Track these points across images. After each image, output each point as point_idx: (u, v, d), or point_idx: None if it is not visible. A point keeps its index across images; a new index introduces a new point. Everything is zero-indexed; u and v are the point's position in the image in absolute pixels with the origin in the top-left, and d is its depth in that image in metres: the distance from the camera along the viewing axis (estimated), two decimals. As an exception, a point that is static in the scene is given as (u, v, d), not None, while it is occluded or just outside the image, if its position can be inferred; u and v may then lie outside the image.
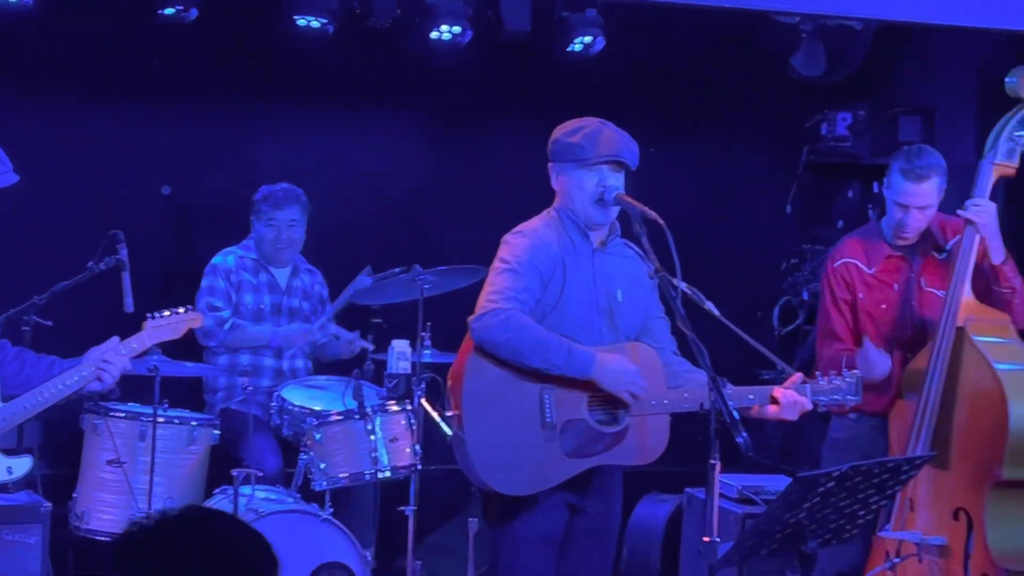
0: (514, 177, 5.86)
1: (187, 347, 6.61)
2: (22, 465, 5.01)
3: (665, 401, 4.76)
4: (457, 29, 7.45)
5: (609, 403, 4.75)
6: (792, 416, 4.83)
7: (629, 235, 4.82)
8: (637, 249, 4.89)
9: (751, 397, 4.78)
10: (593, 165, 4.76)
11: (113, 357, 4.80)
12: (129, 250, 5.89)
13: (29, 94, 7.38)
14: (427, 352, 6.41)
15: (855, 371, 4.99)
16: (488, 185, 7.83)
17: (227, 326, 6.68)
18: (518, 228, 4.86)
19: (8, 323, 5.75)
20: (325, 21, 7.25)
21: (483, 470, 4.70)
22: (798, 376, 4.87)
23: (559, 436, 4.72)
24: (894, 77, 8.26)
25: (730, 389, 4.66)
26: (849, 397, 4.93)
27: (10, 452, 5.19)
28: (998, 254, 5.41)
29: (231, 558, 2.28)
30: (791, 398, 4.79)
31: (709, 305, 4.71)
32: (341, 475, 6.17)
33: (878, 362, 5.42)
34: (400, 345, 6.43)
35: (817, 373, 4.96)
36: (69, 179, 7.38)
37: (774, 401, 4.78)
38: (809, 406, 4.84)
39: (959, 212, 5.43)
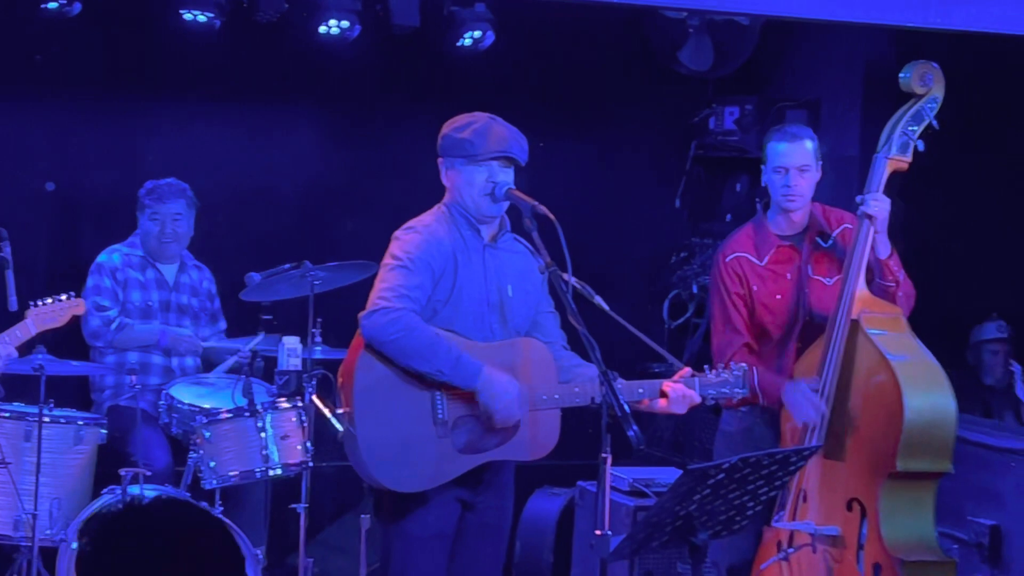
0: (405, 172, 5.86)
1: (73, 345, 6.55)
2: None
3: (556, 396, 4.77)
4: (345, 24, 7.43)
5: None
6: (681, 410, 4.86)
7: (519, 230, 4.82)
8: (527, 244, 4.90)
9: (641, 391, 4.80)
10: (483, 161, 4.75)
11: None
12: (12, 248, 5.79)
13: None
14: (318, 348, 6.39)
15: (742, 364, 5.03)
16: (379, 180, 7.80)
17: (114, 326, 6.61)
18: (409, 224, 4.84)
19: None
20: (212, 15, 7.20)
21: (374, 467, 4.68)
22: (687, 370, 4.90)
23: (451, 432, 4.71)
24: (781, 71, 8.34)
25: (620, 383, 4.67)
26: (736, 390, 4.96)
27: None
28: (885, 249, 5.47)
29: (198, 547, 2.28)
30: (680, 392, 4.81)
31: (598, 299, 4.72)
32: (231, 473, 6.14)
33: (805, 405, 5.42)
34: (291, 342, 6.39)
35: (705, 367, 5.00)
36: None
37: (663, 395, 4.81)
38: (698, 399, 4.87)
39: (858, 200, 5.47)
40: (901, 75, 5.50)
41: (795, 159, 5.57)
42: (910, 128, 5.46)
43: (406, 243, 4.75)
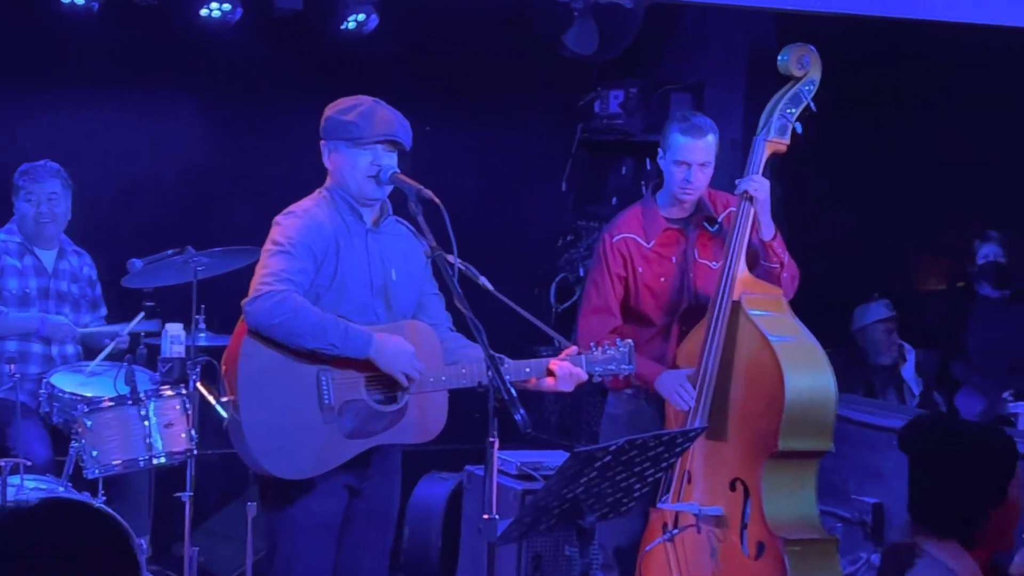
0: (289, 156, 5.83)
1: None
2: None
3: (443, 378, 4.78)
4: (227, 7, 7.39)
5: (387, 383, 4.74)
6: (568, 387, 4.89)
7: (404, 214, 4.81)
8: (410, 227, 4.90)
9: (528, 370, 4.83)
10: (367, 144, 4.74)
11: None
12: None
13: None
14: (202, 335, 6.35)
15: (628, 340, 5.06)
16: (263, 165, 7.76)
17: None
18: (289, 209, 4.82)
19: None
20: (92, -2, 7.15)
21: (260, 455, 4.66)
22: (573, 348, 4.93)
23: (338, 418, 4.70)
24: (665, 55, 8.39)
25: (508, 363, 4.72)
26: (623, 366, 5.00)
27: None
28: (768, 230, 5.52)
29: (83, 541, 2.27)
30: (567, 370, 4.84)
31: (483, 280, 4.73)
32: (114, 462, 6.06)
33: (679, 392, 5.48)
34: (174, 329, 6.34)
35: (591, 344, 5.02)
36: None
37: (550, 373, 4.84)
38: (584, 376, 4.90)
39: (737, 183, 5.52)
40: (779, 58, 5.55)
41: (698, 155, 5.58)
42: (788, 111, 5.52)
43: (287, 228, 4.73)
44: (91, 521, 2.27)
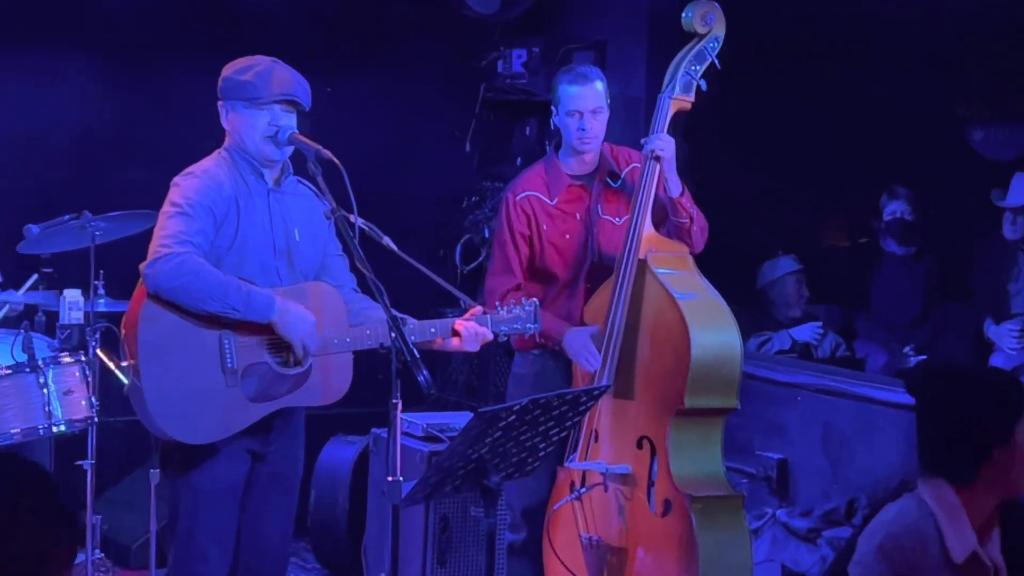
0: (188, 117, 5.78)
1: None
2: None
3: (347, 339, 4.77)
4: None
5: (290, 346, 4.73)
6: (474, 347, 4.91)
7: (305, 175, 4.79)
8: (312, 186, 4.88)
9: (433, 331, 4.83)
10: (265, 104, 4.71)
11: None
12: None
13: None
14: (101, 301, 6.28)
15: (533, 300, 5.07)
16: (161, 126, 7.67)
17: None
18: (188, 170, 4.78)
19: None
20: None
21: (163, 420, 4.64)
22: (479, 308, 4.94)
23: (241, 381, 4.69)
24: (567, 13, 8.40)
25: (412, 323, 4.74)
26: (529, 325, 5.00)
27: None
28: (676, 187, 5.52)
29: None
30: (472, 329, 4.85)
31: (387, 241, 4.71)
32: (13, 431, 6.01)
33: (586, 352, 5.49)
34: (72, 295, 6.30)
35: (496, 303, 5.05)
36: None
37: (456, 333, 4.84)
38: (490, 336, 4.91)
39: (643, 142, 5.53)
40: (683, 15, 5.56)
41: (588, 102, 5.59)
42: (693, 68, 5.53)
43: (185, 189, 4.69)
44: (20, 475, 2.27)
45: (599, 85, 5.62)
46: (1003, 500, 3.50)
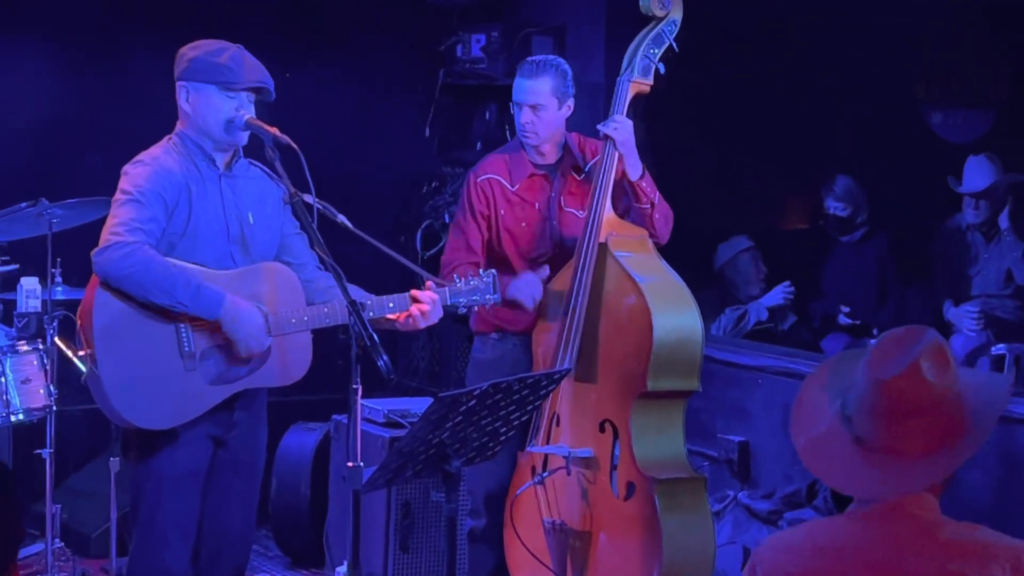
0: (145, 103, 5.77)
1: None
2: None
3: (305, 318, 4.77)
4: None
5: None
6: (436, 317, 4.91)
7: (261, 159, 4.78)
8: (264, 168, 4.89)
9: (391, 305, 4.83)
10: (236, 90, 4.70)
11: None
12: None
13: None
14: (59, 289, 6.28)
15: (491, 270, 5.11)
16: (117, 112, 7.63)
17: None
18: (137, 158, 4.76)
19: None
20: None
21: (122, 407, 4.63)
22: (432, 283, 4.95)
23: (199, 364, 4.69)
24: (527, -4, 8.42)
25: (371, 300, 4.76)
26: (488, 296, 5.03)
27: None
28: (635, 170, 5.52)
29: None
30: (431, 298, 4.86)
31: (342, 218, 4.70)
32: (-29, 419, 6.02)
33: (528, 291, 5.50)
34: (29, 283, 6.30)
35: (455, 276, 5.05)
36: None
37: (415, 300, 4.85)
38: (448, 302, 4.93)
39: (598, 127, 5.54)
40: None
41: (527, 96, 5.59)
42: (651, 51, 5.54)
43: (135, 176, 4.68)
44: None
45: (545, 80, 5.58)
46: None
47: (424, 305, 4.84)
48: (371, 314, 4.69)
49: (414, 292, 4.87)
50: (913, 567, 2.80)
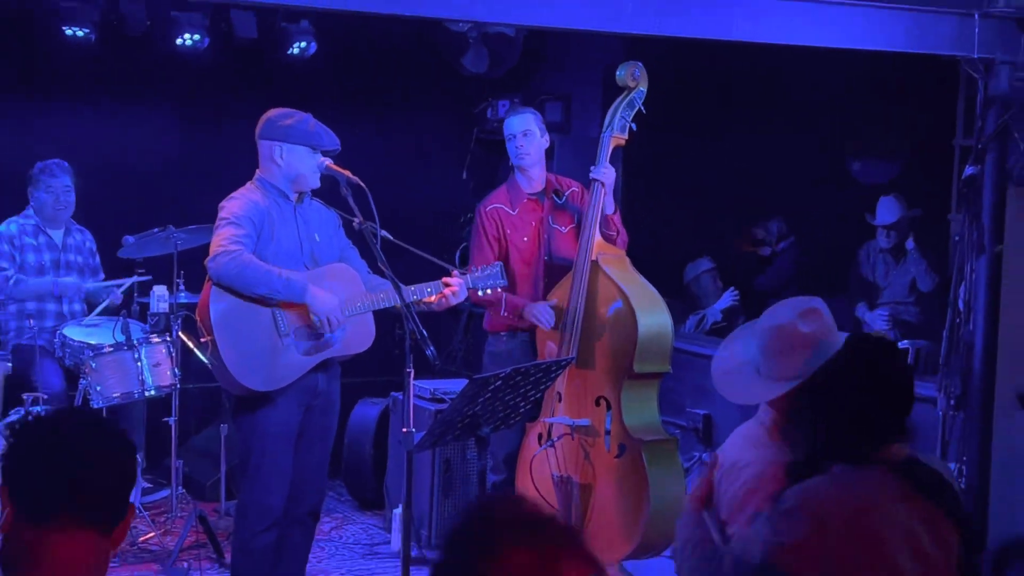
0: (237, 154, 5.81)
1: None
2: None
3: (367, 302, 4.84)
4: (197, 36, 7.36)
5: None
6: (462, 296, 4.98)
7: (335, 195, 4.82)
8: (321, 202, 4.95)
9: (429, 289, 4.89)
10: (319, 149, 4.78)
11: None
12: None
13: None
14: (182, 294, 6.30)
15: (498, 262, 5.21)
16: (225, 160, 7.64)
17: (12, 282, 6.47)
18: (231, 195, 4.82)
19: None
20: (88, 30, 7.08)
21: (240, 376, 4.68)
22: (457, 272, 5.02)
23: (294, 341, 4.74)
24: (540, 73, 8.42)
25: (414, 288, 4.81)
26: (499, 280, 5.08)
27: None
28: (610, 207, 5.57)
29: (115, 441, 2.26)
30: (458, 282, 4.94)
31: (384, 233, 4.72)
32: (114, 395, 6.06)
33: (546, 315, 5.55)
34: (160, 290, 6.33)
35: (472, 267, 5.15)
36: None
37: (447, 284, 4.90)
38: (471, 285, 5.00)
39: (590, 174, 5.56)
40: (617, 72, 5.62)
41: (516, 126, 5.71)
42: (626, 112, 5.58)
43: (231, 207, 4.74)
44: (98, 431, 2.25)
45: (528, 116, 5.75)
46: None
47: (453, 287, 4.91)
48: (416, 296, 4.77)
49: (445, 279, 4.93)
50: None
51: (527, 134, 5.71)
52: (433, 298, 4.90)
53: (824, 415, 2.81)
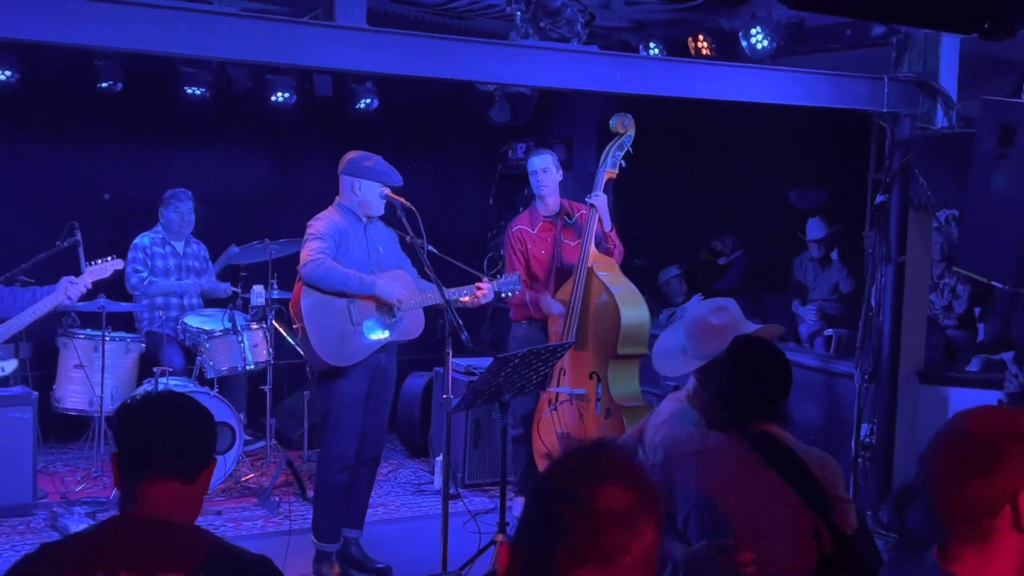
0: (325, 185, 5.85)
1: (124, 295, 6.44)
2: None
3: (420, 300, 4.85)
4: (287, 94, 7.41)
5: (387, 308, 4.80)
6: (490, 297, 4.98)
7: (392, 218, 4.85)
8: (384, 224, 4.93)
9: (465, 292, 4.90)
10: (385, 183, 4.79)
11: (74, 283, 4.68)
12: (82, 234, 5.65)
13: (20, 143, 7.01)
14: (275, 291, 6.34)
15: (517, 272, 5.21)
16: (307, 189, 7.70)
17: (145, 283, 6.50)
18: (316, 216, 4.82)
19: (7, 280, 5.50)
20: (204, 90, 7.16)
21: (322, 353, 4.68)
22: (486, 279, 5.02)
23: (362, 327, 4.75)
24: (550, 121, 8.43)
25: (453, 291, 4.81)
26: (516, 287, 5.07)
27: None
28: (607, 225, 5.53)
29: (193, 414, 2.25)
30: (487, 286, 4.95)
31: (429, 247, 4.73)
32: (223, 368, 6.11)
33: (553, 306, 5.56)
34: (258, 288, 6.36)
35: (498, 275, 5.14)
36: (48, 192, 7.10)
37: (479, 288, 4.92)
38: (496, 289, 4.99)
39: (586, 199, 5.57)
40: (610, 121, 5.59)
41: (539, 164, 5.66)
42: (617, 152, 5.56)
43: (317, 226, 4.76)
44: (180, 406, 2.26)
45: (547, 157, 5.68)
46: None
47: (483, 290, 4.92)
48: (455, 296, 4.77)
49: (477, 284, 4.94)
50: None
51: (546, 171, 5.66)
52: (467, 298, 4.92)
53: (708, 390, 2.94)
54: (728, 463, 2.82)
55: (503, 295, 5.11)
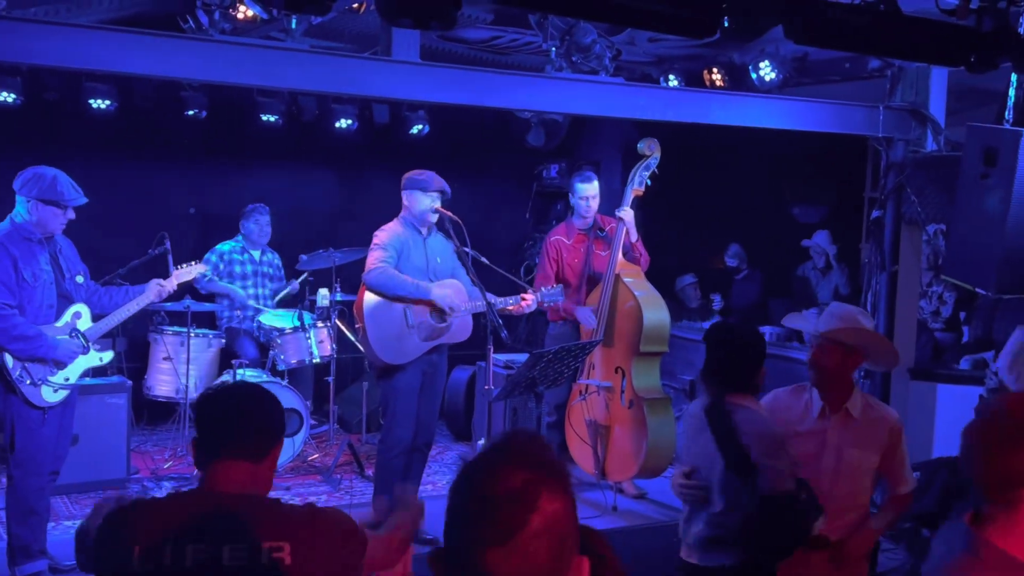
0: (383, 200, 5.87)
1: (206, 296, 6.48)
2: (108, 356, 4.82)
3: (469, 307, 4.82)
4: (349, 121, 7.43)
5: (439, 312, 4.78)
6: (534, 307, 4.96)
7: (443, 227, 4.85)
8: (443, 236, 4.92)
9: (511, 301, 4.89)
10: (431, 192, 4.77)
11: (162, 284, 4.71)
12: (170, 243, 5.72)
13: (106, 160, 7.09)
14: (339, 294, 6.36)
15: (559, 285, 5.15)
16: (367, 204, 7.76)
17: (206, 279, 6.25)
18: (381, 228, 4.83)
19: (105, 283, 5.57)
20: (277, 117, 7.18)
21: (380, 352, 4.70)
22: (531, 290, 5.01)
23: (417, 331, 4.74)
24: (580, 145, 8.41)
25: (500, 302, 4.80)
26: (558, 297, 5.06)
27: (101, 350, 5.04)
28: (633, 236, 5.52)
29: (260, 402, 2.25)
30: (531, 297, 4.94)
31: (474, 254, 4.74)
32: (292, 361, 6.13)
33: (588, 318, 5.53)
34: (324, 291, 6.37)
35: (541, 288, 5.12)
36: (142, 206, 7.16)
37: (523, 299, 4.90)
38: (539, 299, 4.97)
39: (616, 213, 5.56)
40: (639, 144, 5.58)
41: (589, 191, 5.64)
42: (644, 172, 5.54)
43: (381, 236, 4.76)
44: (251, 395, 2.27)
45: (595, 183, 5.66)
46: None
47: (528, 300, 4.91)
48: (502, 305, 4.74)
49: (523, 294, 4.92)
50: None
51: (595, 197, 5.66)
52: (513, 307, 4.91)
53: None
54: (691, 424, 3.14)
55: (545, 304, 5.09)
